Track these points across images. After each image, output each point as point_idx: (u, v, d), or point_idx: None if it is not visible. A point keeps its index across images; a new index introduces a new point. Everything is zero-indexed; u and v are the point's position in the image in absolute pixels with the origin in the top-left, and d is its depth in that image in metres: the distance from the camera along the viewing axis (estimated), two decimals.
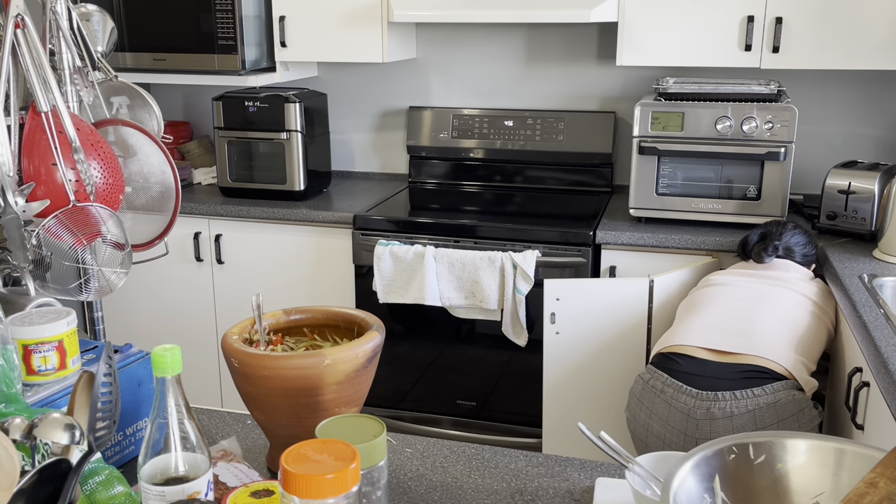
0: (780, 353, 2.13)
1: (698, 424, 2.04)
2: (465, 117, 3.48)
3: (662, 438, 2.10)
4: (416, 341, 3.10)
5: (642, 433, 2.17)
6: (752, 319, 2.24)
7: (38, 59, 1.60)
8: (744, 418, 2.01)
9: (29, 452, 1.03)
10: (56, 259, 1.62)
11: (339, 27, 3.23)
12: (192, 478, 1.02)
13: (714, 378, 2.08)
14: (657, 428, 2.12)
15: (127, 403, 1.33)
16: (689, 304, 2.42)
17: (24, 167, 1.58)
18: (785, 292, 2.34)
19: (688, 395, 2.07)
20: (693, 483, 0.97)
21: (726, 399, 2.03)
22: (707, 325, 2.25)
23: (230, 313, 3.35)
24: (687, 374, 2.11)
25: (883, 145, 3.16)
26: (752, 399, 2.03)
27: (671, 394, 2.10)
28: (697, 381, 2.09)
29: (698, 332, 2.23)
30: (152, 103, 1.92)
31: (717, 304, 2.33)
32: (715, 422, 2.02)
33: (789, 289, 2.36)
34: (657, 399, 2.12)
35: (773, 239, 2.51)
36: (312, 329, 1.41)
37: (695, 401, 2.05)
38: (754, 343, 2.14)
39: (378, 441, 1.01)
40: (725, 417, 2.01)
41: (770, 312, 2.26)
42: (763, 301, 2.30)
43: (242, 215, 3.20)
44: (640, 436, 2.19)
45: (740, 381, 2.06)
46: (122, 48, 3.29)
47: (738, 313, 2.27)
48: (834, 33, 2.77)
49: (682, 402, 2.06)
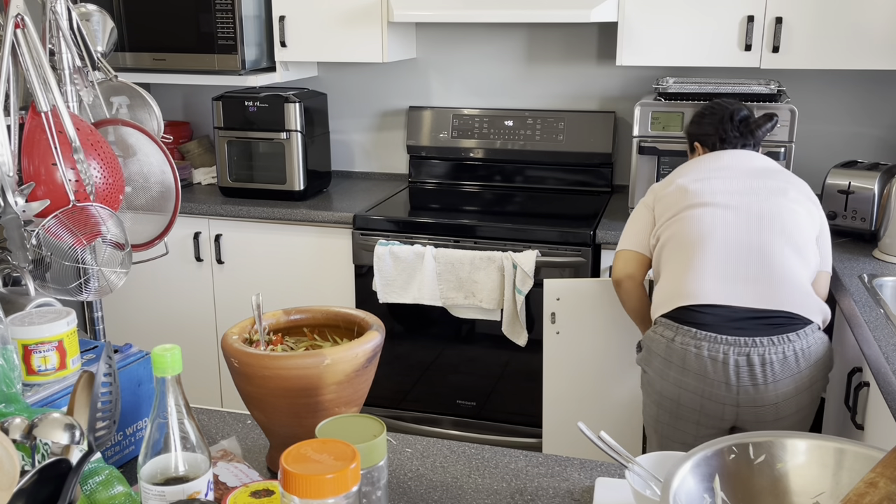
0: (804, 303, 2.02)
1: (739, 372, 1.97)
2: (465, 117, 3.48)
3: (700, 393, 2.01)
4: (416, 341, 3.10)
5: (673, 392, 2.06)
6: (768, 261, 2.05)
7: (38, 59, 1.60)
8: (782, 364, 1.97)
9: (29, 452, 1.03)
10: (56, 259, 1.62)
11: (338, 27, 3.23)
12: (192, 478, 1.02)
13: (742, 326, 2.00)
14: (692, 383, 2.02)
15: (127, 403, 1.33)
16: (683, 241, 2.13)
17: (23, 167, 1.58)
18: (787, 205, 2.12)
19: (724, 343, 1.98)
20: (693, 483, 0.97)
21: (763, 345, 1.96)
22: (721, 275, 2.05)
23: (230, 313, 3.35)
24: (713, 325, 2.02)
25: (883, 145, 3.16)
26: (787, 344, 1.97)
27: (706, 346, 1.99)
28: (727, 330, 2.00)
29: (714, 287, 2.04)
30: (152, 103, 1.92)
31: (720, 241, 2.08)
32: (754, 368, 1.96)
33: (788, 198, 2.14)
34: (689, 353, 2.01)
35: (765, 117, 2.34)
36: (312, 329, 1.41)
37: (732, 348, 1.97)
38: (777, 294, 2.02)
39: (378, 441, 1.01)
40: (764, 364, 1.96)
41: (781, 245, 2.06)
42: (769, 229, 2.08)
43: (242, 215, 3.20)
44: (671, 395, 2.06)
45: (771, 328, 1.99)
46: (122, 48, 3.29)
47: (751, 253, 2.06)
48: (834, 33, 2.77)
49: (719, 352, 1.98)
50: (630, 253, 2.27)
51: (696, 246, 2.09)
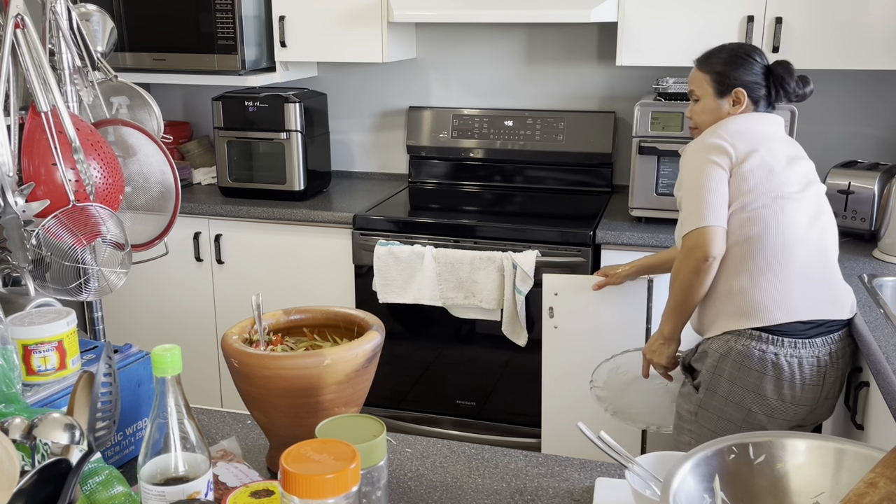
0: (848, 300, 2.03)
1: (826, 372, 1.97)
2: (465, 117, 3.48)
3: (811, 403, 1.98)
4: (416, 341, 3.10)
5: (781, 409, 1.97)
6: (831, 269, 2.01)
7: (38, 59, 1.60)
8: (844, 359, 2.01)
9: (29, 452, 1.03)
10: (56, 259, 1.62)
11: (338, 27, 3.23)
12: (191, 478, 1.01)
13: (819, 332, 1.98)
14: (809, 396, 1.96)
15: (127, 403, 1.33)
16: (777, 241, 1.96)
17: (23, 167, 1.58)
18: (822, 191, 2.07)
19: (810, 346, 1.95)
20: (693, 483, 0.98)
21: (834, 342, 1.97)
22: (807, 286, 1.95)
23: (230, 313, 3.35)
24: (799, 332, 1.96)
25: (883, 145, 3.16)
26: (845, 340, 2.00)
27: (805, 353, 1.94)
28: (809, 335, 1.95)
29: (802, 301, 1.94)
30: (152, 103, 1.92)
31: (808, 245, 1.97)
32: (826, 367, 1.96)
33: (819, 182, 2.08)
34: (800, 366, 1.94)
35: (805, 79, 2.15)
36: (312, 329, 1.41)
37: (816, 349, 1.96)
38: (839, 299, 1.99)
39: (378, 441, 1.01)
40: (834, 362, 1.97)
41: (834, 244, 2.04)
42: (828, 226, 2.03)
43: (242, 215, 3.20)
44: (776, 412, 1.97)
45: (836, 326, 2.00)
46: (122, 48, 3.29)
47: (823, 259, 2.00)
48: (834, 33, 2.77)
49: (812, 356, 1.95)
50: (721, 230, 1.97)
51: (790, 251, 1.96)
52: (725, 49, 2.12)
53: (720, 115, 2.10)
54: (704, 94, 2.12)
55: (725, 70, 2.08)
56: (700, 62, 2.15)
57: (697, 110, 2.14)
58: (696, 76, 2.15)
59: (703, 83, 2.12)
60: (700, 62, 2.15)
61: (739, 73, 2.08)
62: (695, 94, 2.15)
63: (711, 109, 2.11)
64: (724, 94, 2.09)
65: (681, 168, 2.09)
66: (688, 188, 2.01)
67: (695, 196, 1.98)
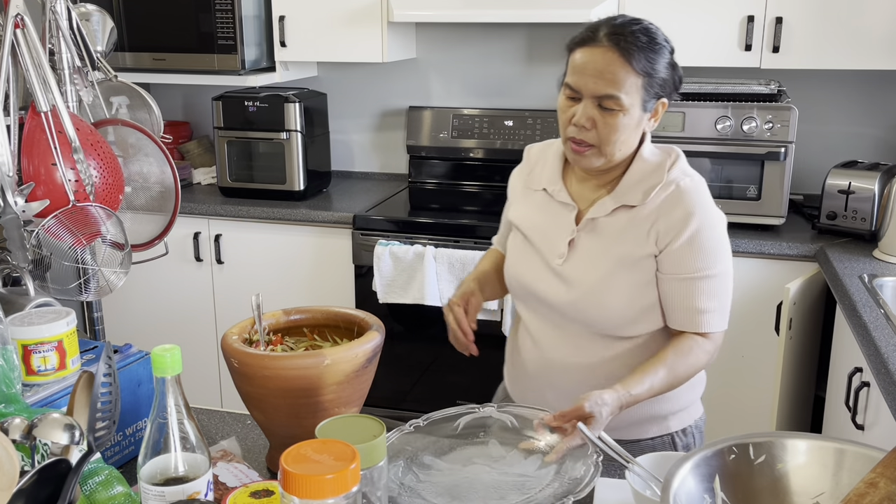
0: None
1: None
2: (465, 117, 3.47)
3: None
4: (416, 341, 3.10)
5: None
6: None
7: (38, 58, 1.60)
8: None
9: (28, 453, 1.03)
10: (56, 259, 1.62)
11: (338, 27, 3.23)
12: (191, 478, 1.01)
13: None
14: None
15: (127, 403, 1.33)
16: None
17: (23, 167, 1.58)
18: None
19: None
20: (693, 483, 0.98)
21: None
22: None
23: (230, 313, 3.34)
24: None
25: (883, 145, 3.15)
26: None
27: None
28: None
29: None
30: (152, 103, 1.92)
31: None
32: None
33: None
34: None
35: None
36: (312, 329, 1.41)
37: None
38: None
39: (378, 441, 1.00)
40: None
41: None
42: None
43: (242, 215, 3.19)
44: None
45: None
46: (122, 48, 3.29)
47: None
48: (834, 33, 2.77)
49: None
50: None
51: None
52: (639, 28, 1.46)
53: (634, 140, 1.50)
54: (631, 102, 1.43)
55: (658, 70, 1.46)
56: (622, 49, 1.41)
57: (612, 125, 1.43)
58: (618, 71, 1.41)
59: (633, 87, 1.42)
60: (622, 49, 1.41)
61: (666, 72, 1.49)
62: (614, 99, 1.41)
63: (632, 127, 1.46)
64: (647, 109, 1.47)
65: (702, 228, 1.47)
66: (723, 277, 1.51)
67: (727, 290, 1.52)
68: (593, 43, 1.43)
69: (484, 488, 1.20)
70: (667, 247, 1.47)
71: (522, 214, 1.64)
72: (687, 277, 1.48)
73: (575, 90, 1.44)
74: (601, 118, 1.42)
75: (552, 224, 1.58)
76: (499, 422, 1.36)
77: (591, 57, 1.42)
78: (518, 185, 1.70)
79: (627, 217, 1.50)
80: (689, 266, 1.47)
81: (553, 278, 1.55)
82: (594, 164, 1.47)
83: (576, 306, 1.52)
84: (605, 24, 1.44)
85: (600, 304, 1.50)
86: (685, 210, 1.47)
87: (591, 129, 1.43)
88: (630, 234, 1.49)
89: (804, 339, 2.69)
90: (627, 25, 1.44)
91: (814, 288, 2.66)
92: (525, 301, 1.64)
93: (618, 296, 1.50)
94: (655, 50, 1.45)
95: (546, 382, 1.62)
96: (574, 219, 1.55)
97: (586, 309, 1.52)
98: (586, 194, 1.56)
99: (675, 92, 1.52)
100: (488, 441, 1.32)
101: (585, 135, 1.44)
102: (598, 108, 1.42)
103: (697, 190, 1.50)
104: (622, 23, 1.44)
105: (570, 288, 1.53)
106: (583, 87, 1.42)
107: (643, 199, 1.49)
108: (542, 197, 1.61)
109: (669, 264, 1.48)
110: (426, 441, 1.32)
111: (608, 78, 1.40)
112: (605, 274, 1.50)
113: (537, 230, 1.59)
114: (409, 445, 1.30)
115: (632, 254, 1.49)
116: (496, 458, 1.28)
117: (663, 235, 1.47)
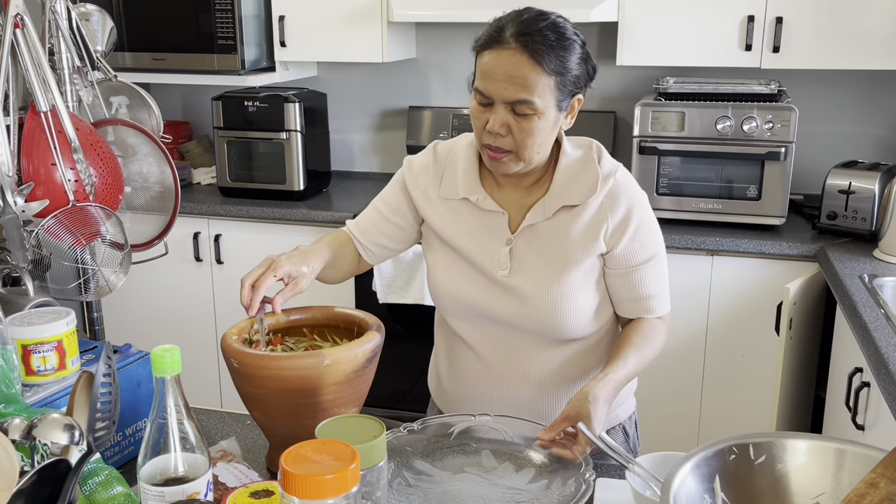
0: None
1: None
2: (465, 117, 3.47)
3: None
4: (416, 341, 3.10)
5: None
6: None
7: (38, 58, 1.59)
8: None
9: (28, 453, 1.03)
10: (55, 259, 1.62)
11: (338, 27, 3.22)
12: (191, 478, 1.01)
13: None
14: None
15: (126, 404, 1.33)
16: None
17: (23, 167, 1.58)
18: None
19: None
20: (693, 483, 0.97)
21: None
22: None
23: (230, 313, 3.34)
24: None
25: (883, 145, 3.15)
26: None
27: None
28: None
29: None
30: (152, 103, 1.92)
31: None
32: None
33: None
34: None
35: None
36: (312, 329, 1.41)
37: None
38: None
39: (378, 441, 1.00)
40: None
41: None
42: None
43: (242, 215, 3.19)
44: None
45: None
46: (122, 48, 3.29)
47: None
48: (834, 33, 2.77)
49: None
50: None
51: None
52: (547, 24, 1.37)
53: (552, 140, 1.45)
54: (546, 105, 1.36)
55: (570, 68, 1.38)
56: (531, 50, 1.33)
57: (527, 129, 1.37)
58: (528, 74, 1.34)
59: (545, 89, 1.36)
60: (531, 50, 1.33)
61: (579, 68, 1.41)
62: (528, 104, 1.35)
63: (549, 129, 1.40)
64: (563, 108, 1.41)
65: (642, 218, 1.48)
66: (661, 257, 1.53)
67: (665, 269, 1.55)
68: (500, 45, 1.35)
69: (473, 498, 1.19)
70: (616, 244, 1.46)
71: (447, 226, 1.52)
72: (634, 267, 1.48)
73: (485, 95, 1.36)
74: (516, 123, 1.36)
75: (484, 234, 1.49)
76: (493, 432, 1.34)
77: (500, 61, 1.34)
78: (430, 189, 1.55)
79: (569, 217, 1.46)
80: (637, 257, 1.47)
81: (499, 292, 1.48)
82: (513, 169, 1.42)
83: (531, 318, 1.47)
84: (511, 23, 1.36)
85: (556, 312, 1.45)
86: (627, 204, 1.46)
87: (506, 135, 1.37)
88: (575, 234, 1.45)
89: (804, 340, 2.69)
90: (534, 23, 1.35)
91: (814, 288, 2.66)
92: (463, 317, 1.54)
93: (572, 300, 1.46)
94: (565, 47, 1.36)
95: (495, 397, 1.55)
96: (507, 226, 1.49)
97: (542, 319, 1.46)
98: (513, 199, 1.50)
99: (590, 84, 1.44)
100: (481, 451, 1.31)
101: (501, 141, 1.38)
102: (512, 113, 1.36)
103: (628, 178, 1.50)
104: (528, 19, 1.36)
105: (522, 300, 1.46)
106: (493, 93, 1.35)
107: (584, 199, 1.45)
108: (465, 206, 1.51)
109: (619, 260, 1.47)
110: (419, 445, 1.31)
111: (519, 83, 1.33)
112: (554, 280, 1.45)
113: (469, 242, 1.50)
114: (401, 448, 1.29)
115: (579, 255, 1.45)
116: (488, 468, 1.27)
117: (612, 234, 1.45)
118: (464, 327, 1.55)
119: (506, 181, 1.50)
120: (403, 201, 1.59)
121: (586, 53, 1.42)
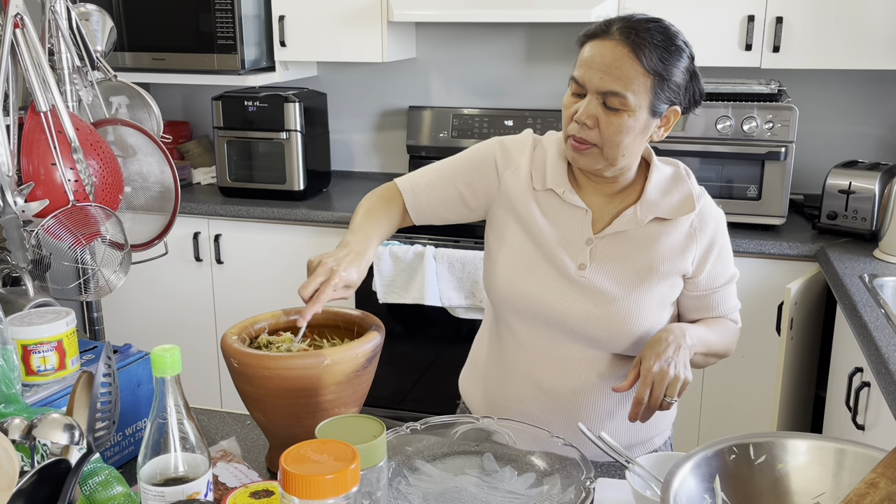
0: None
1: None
2: (465, 117, 3.47)
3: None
4: (416, 341, 3.10)
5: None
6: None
7: (37, 58, 1.59)
8: None
9: (28, 453, 1.03)
10: (55, 259, 1.62)
11: (338, 27, 3.22)
12: (191, 478, 1.01)
13: None
14: None
15: (126, 404, 1.33)
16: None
17: (23, 167, 1.58)
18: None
19: None
20: (693, 483, 0.97)
21: None
22: None
23: (230, 313, 3.34)
24: None
25: (883, 145, 3.15)
26: None
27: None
28: None
29: None
30: (151, 103, 1.92)
31: None
32: None
33: None
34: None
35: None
36: (312, 329, 1.41)
37: None
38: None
39: (378, 441, 1.00)
40: None
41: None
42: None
43: (242, 215, 3.19)
44: None
45: None
46: (122, 48, 3.29)
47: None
48: (834, 33, 2.77)
49: None
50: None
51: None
52: (656, 26, 1.35)
53: (640, 146, 1.41)
54: (639, 104, 1.33)
55: (672, 73, 1.34)
56: (633, 43, 1.31)
57: (616, 125, 1.34)
58: (626, 67, 1.31)
59: (641, 87, 1.33)
60: (633, 43, 1.31)
61: (682, 78, 1.38)
62: (620, 98, 1.32)
63: (638, 131, 1.36)
64: (657, 114, 1.37)
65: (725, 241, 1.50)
66: (736, 277, 1.54)
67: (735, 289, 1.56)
68: (604, 36, 1.34)
69: (472, 500, 1.19)
70: (702, 270, 1.46)
71: (531, 212, 1.46)
72: (715, 289, 1.49)
73: (580, 84, 1.35)
74: (605, 117, 1.33)
75: (565, 228, 1.45)
76: (496, 435, 1.33)
77: (600, 50, 1.33)
78: (522, 170, 1.49)
79: (659, 230, 1.43)
80: (718, 280, 1.48)
81: (570, 290, 1.43)
82: (594, 165, 1.38)
83: (602, 320, 1.41)
84: (620, 20, 1.36)
85: (626, 320, 1.41)
86: (714, 227, 1.46)
87: (593, 127, 1.34)
88: (664, 248, 1.42)
89: (805, 339, 2.69)
90: (644, 22, 1.34)
91: (814, 288, 2.66)
92: (523, 316, 1.47)
93: (648, 310, 1.42)
94: (671, 51, 1.33)
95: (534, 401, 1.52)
96: (590, 224, 1.45)
97: (614, 321, 1.41)
98: (595, 202, 1.46)
99: (694, 105, 1.42)
100: (483, 453, 1.30)
101: (587, 133, 1.34)
102: (603, 106, 1.33)
103: (712, 202, 1.50)
104: (639, 19, 1.35)
105: (598, 300, 1.41)
106: (587, 82, 1.33)
107: (679, 214, 1.43)
108: (550, 197, 1.47)
109: (701, 285, 1.48)
110: (420, 445, 1.31)
111: (615, 73, 1.30)
112: (636, 286, 1.41)
113: (549, 233, 1.45)
114: (402, 448, 1.29)
115: (665, 269, 1.43)
116: (489, 471, 1.26)
117: (700, 260, 1.45)
118: (519, 324, 1.48)
119: (587, 183, 1.47)
120: (482, 177, 1.51)
121: (694, 70, 1.40)
